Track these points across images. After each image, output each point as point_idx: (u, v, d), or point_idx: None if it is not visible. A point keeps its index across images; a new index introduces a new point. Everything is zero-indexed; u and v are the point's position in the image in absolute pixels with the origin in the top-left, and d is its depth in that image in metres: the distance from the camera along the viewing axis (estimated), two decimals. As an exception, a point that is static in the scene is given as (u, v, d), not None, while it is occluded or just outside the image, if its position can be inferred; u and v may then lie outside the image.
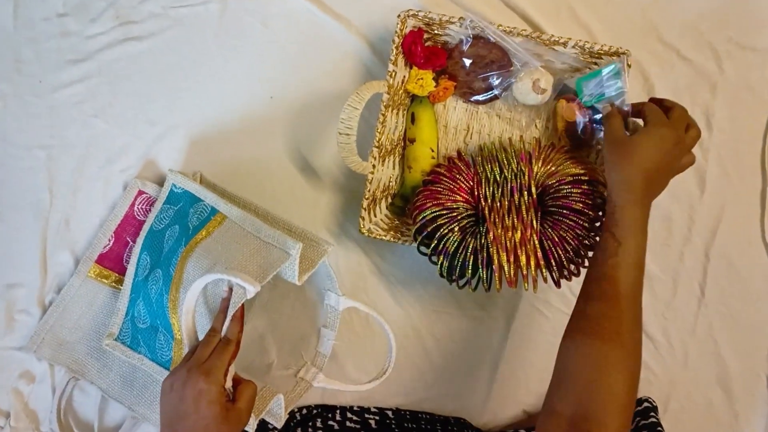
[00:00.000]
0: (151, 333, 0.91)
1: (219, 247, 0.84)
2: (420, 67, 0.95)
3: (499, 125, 1.02)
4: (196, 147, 1.02)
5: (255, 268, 0.78)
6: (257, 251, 0.81)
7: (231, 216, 0.88)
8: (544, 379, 1.04)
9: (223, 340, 0.75)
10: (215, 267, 0.80)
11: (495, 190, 0.89)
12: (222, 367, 0.72)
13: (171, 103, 1.02)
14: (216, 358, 0.73)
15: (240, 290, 0.75)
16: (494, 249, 0.85)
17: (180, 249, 0.87)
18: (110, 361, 0.98)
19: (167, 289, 0.86)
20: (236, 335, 0.76)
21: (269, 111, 1.02)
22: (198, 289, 0.77)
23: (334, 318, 0.94)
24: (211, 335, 0.76)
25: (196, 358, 0.74)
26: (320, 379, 0.93)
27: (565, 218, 0.85)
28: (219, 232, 0.87)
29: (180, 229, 0.91)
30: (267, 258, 0.80)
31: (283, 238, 0.81)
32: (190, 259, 0.84)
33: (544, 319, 1.06)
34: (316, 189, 1.03)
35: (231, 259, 0.80)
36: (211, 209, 0.90)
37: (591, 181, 0.86)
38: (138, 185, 1.00)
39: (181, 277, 0.84)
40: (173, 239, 0.90)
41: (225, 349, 0.74)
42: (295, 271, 0.80)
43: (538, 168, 0.89)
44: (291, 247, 0.80)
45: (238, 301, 0.75)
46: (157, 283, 0.88)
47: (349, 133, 0.82)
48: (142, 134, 1.02)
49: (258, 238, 0.83)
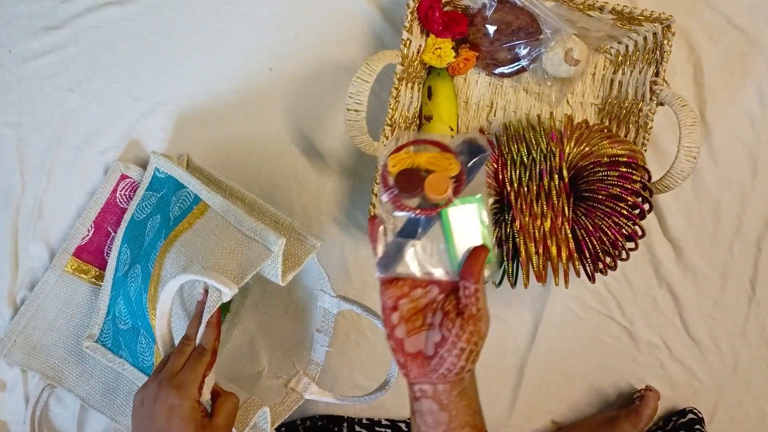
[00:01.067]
0: (133, 335, 0.91)
1: (198, 242, 0.84)
2: (438, 35, 0.94)
3: (527, 101, 1.01)
4: (184, 126, 1.01)
5: (234, 267, 0.78)
6: (238, 247, 0.81)
7: (213, 205, 0.88)
8: (577, 388, 1.07)
9: (197, 349, 0.75)
10: (192, 265, 0.80)
11: (522, 173, 0.88)
12: (196, 380, 0.72)
13: (157, 76, 1.01)
14: (189, 369, 0.73)
15: (215, 293, 0.75)
16: (521, 239, 0.85)
17: (159, 242, 0.87)
18: (90, 366, 0.98)
19: (146, 288, 0.86)
20: (212, 343, 0.76)
21: (267, 85, 1.01)
22: (172, 290, 0.77)
23: (328, 322, 0.95)
24: (184, 343, 0.76)
25: (167, 369, 0.74)
26: (312, 390, 0.93)
27: (601, 204, 0.85)
28: (200, 224, 0.87)
29: (161, 219, 0.91)
30: (247, 255, 0.80)
31: (265, 232, 0.81)
32: (169, 254, 0.84)
33: (576, 319, 1.06)
34: (321, 173, 1.02)
35: (209, 255, 0.80)
36: (194, 197, 0.90)
37: (630, 163, 0.85)
38: (121, 169, 0.99)
39: (160, 275, 0.84)
40: (154, 231, 0.90)
41: (199, 360, 0.74)
42: (277, 270, 0.80)
43: (570, 148, 0.88)
44: (273, 243, 0.79)
45: (213, 305, 0.74)
46: (136, 280, 0.88)
47: (358, 110, 0.82)
48: (124, 111, 1.01)
49: (240, 232, 0.83)
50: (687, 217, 1.04)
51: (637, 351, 1.06)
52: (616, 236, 0.85)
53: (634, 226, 0.85)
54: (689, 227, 1.04)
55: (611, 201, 0.84)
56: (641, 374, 1.07)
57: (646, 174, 0.85)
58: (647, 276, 1.05)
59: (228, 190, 0.97)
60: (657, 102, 0.89)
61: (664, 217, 1.03)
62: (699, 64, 1.02)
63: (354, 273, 1.04)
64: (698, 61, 1.03)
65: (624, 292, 1.05)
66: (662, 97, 0.88)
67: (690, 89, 1.02)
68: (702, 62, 1.02)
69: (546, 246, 0.85)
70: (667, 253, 1.04)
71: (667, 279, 1.05)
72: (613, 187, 0.84)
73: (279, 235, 0.79)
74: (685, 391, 1.06)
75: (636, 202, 0.84)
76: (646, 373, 1.07)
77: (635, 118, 0.93)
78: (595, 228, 0.85)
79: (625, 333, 1.06)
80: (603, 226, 0.84)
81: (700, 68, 1.01)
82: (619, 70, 0.98)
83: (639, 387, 1.06)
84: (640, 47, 0.94)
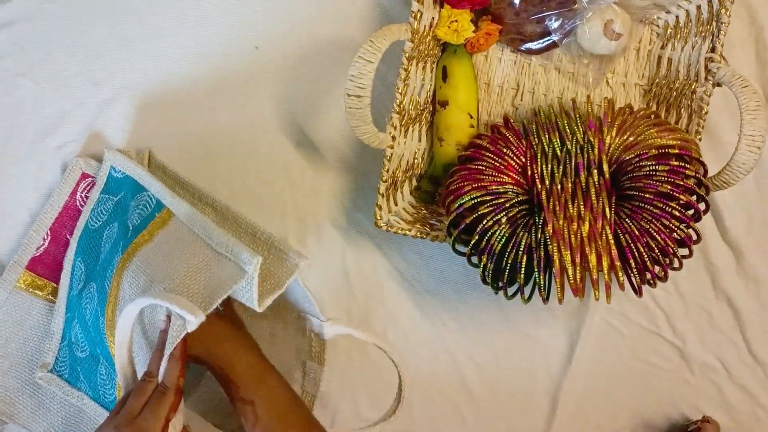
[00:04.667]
0: (92, 364, 0.91)
1: (160, 258, 0.84)
2: (454, 5, 0.94)
3: (559, 82, 1.02)
4: (155, 115, 1.02)
5: (200, 288, 0.78)
6: (205, 265, 0.81)
7: (178, 213, 0.88)
8: (621, 418, 1.08)
9: (159, 389, 0.76)
10: (152, 286, 0.80)
11: (555, 168, 0.89)
12: (157, 424, 0.74)
13: (122, 57, 1.02)
14: (149, 413, 0.74)
15: (179, 320, 0.74)
16: (554, 246, 0.85)
17: (117, 257, 0.87)
18: (48, 398, 0.98)
19: (102, 310, 0.86)
20: (175, 380, 0.76)
21: (253, 66, 1.02)
22: (131, 316, 0.77)
23: (319, 348, 0.95)
24: (145, 381, 0.77)
25: (126, 412, 0.75)
26: None
27: (648, 204, 0.85)
28: (163, 236, 0.87)
29: (119, 228, 0.91)
30: (217, 274, 0.80)
31: (237, 249, 0.80)
32: (127, 271, 0.84)
33: (619, 337, 1.06)
34: (317, 169, 1.03)
35: (172, 274, 0.80)
36: (156, 203, 0.91)
37: (682, 155, 0.85)
38: (81, 166, 0.99)
39: (117, 296, 0.84)
40: (110, 243, 0.91)
41: (160, 402, 0.75)
42: (253, 294, 0.79)
43: (611, 138, 0.88)
44: (247, 262, 0.79)
45: (177, 335, 0.74)
46: (91, 300, 0.89)
47: (361, 95, 0.82)
48: (84, 99, 1.02)
49: (209, 246, 0.83)
50: (749, 217, 1.04)
51: (691, 374, 1.07)
52: (666, 241, 0.84)
53: (688, 230, 0.85)
54: (751, 229, 1.04)
55: (660, 200, 0.84)
56: (695, 401, 1.08)
57: (701, 168, 0.85)
58: (702, 286, 1.06)
59: (196, 195, 0.97)
60: (713, 82, 0.89)
61: (722, 217, 1.04)
62: (762, 37, 1.02)
63: (357, 285, 1.05)
64: (761, 33, 1.02)
65: (675, 305, 1.06)
66: (719, 77, 0.88)
67: (752, 67, 1.02)
68: (765, 35, 1.02)
69: (584, 254, 0.84)
70: (726, 259, 1.05)
71: (725, 290, 1.05)
72: (662, 184, 0.84)
73: (254, 253, 0.79)
74: (747, 420, 1.06)
75: (690, 201, 0.84)
76: (702, 399, 1.08)
77: (688, 102, 0.93)
78: (642, 232, 0.84)
79: (676, 353, 1.07)
80: (651, 230, 0.84)
81: (763, 42, 1.01)
82: (668, 45, 0.98)
83: (693, 417, 1.07)
84: (692, 18, 0.94)
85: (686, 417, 1.08)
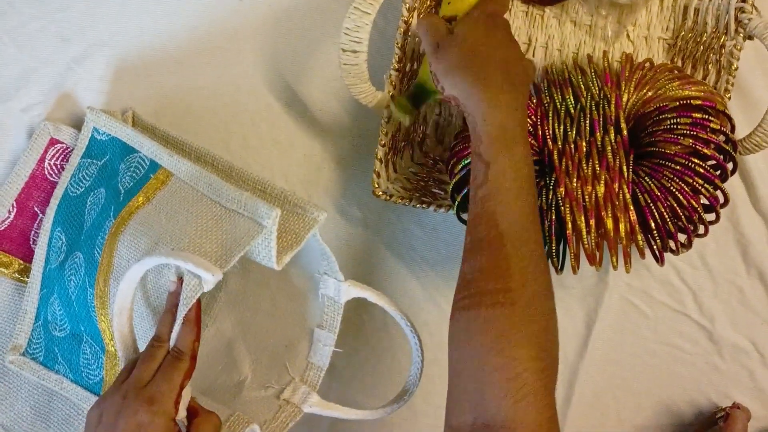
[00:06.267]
0: (73, 344, 0.91)
1: (162, 218, 0.84)
2: None
3: (575, 35, 1.02)
4: (129, 74, 1.02)
5: (214, 247, 0.78)
6: (217, 222, 0.82)
7: (178, 173, 0.88)
8: (643, 406, 1.08)
9: (172, 353, 0.76)
10: (157, 247, 0.80)
11: (568, 126, 0.89)
12: (172, 392, 0.73)
13: (93, 9, 1.01)
14: (163, 379, 0.74)
15: (193, 280, 0.75)
16: (567, 209, 0.85)
17: (108, 223, 0.87)
18: (16, 386, 0.99)
19: (92, 281, 0.86)
20: (191, 345, 0.77)
21: (237, 18, 1.02)
22: (135, 279, 0.78)
23: (333, 314, 0.95)
24: (155, 346, 0.77)
25: (135, 378, 0.74)
26: (313, 401, 0.93)
27: (669, 161, 0.84)
28: (162, 197, 0.87)
29: (107, 193, 0.91)
30: (231, 232, 0.80)
31: (253, 203, 0.81)
32: (123, 236, 0.84)
33: (641, 317, 1.06)
34: (308, 133, 1.03)
35: (180, 235, 0.80)
36: (150, 163, 0.91)
37: (705, 107, 0.85)
38: (49, 131, 0.99)
39: (111, 263, 0.84)
40: (98, 209, 0.91)
41: (175, 366, 0.75)
42: (271, 251, 0.80)
43: (629, 94, 0.88)
44: (265, 216, 0.80)
45: (191, 295, 0.75)
46: (77, 272, 0.89)
47: (357, 51, 0.82)
48: (51, 56, 1.01)
49: (218, 204, 0.84)
50: (784, 184, 1.04)
51: (720, 358, 1.07)
52: (690, 202, 0.83)
53: (715, 190, 0.84)
54: (787, 197, 1.04)
55: (683, 157, 0.83)
56: (725, 387, 1.08)
57: (727, 122, 0.85)
58: (732, 260, 1.06)
59: (194, 154, 0.96)
60: (744, 35, 0.89)
61: (753, 184, 1.03)
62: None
63: (353, 261, 1.05)
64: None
65: (702, 281, 1.06)
66: (751, 29, 0.87)
67: (787, 18, 1.02)
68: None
69: (600, 217, 0.84)
70: (758, 230, 1.05)
71: (757, 264, 1.05)
72: (684, 138, 0.83)
73: (271, 206, 0.80)
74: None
75: (715, 156, 0.83)
76: (732, 385, 1.08)
77: (716, 57, 0.93)
78: (663, 192, 0.84)
79: (703, 334, 1.07)
80: (673, 189, 0.83)
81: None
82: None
83: (723, 404, 1.07)
84: (721, -37, 0.93)
85: (715, 405, 1.08)
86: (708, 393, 1.08)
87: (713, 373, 1.08)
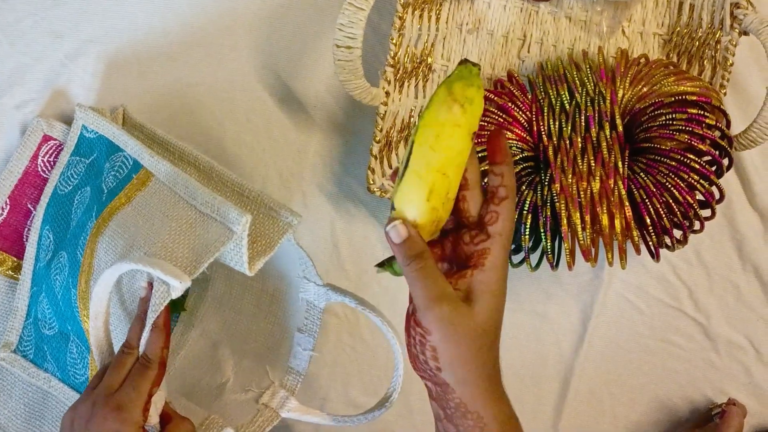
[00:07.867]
0: (61, 342, 0.91)
1: (140, 221, 0.84)
2: None
3: (570, 31, 1.02)
4: (122, 70, 1.01)
5: (185, 253, 0.78)
6: (190, 227, 0.81)
7: (158, 173, 0.88)
8: (638, 402, 1.08)
9: (140, 361, 0.76)
10: (131, 251, 0.80)
11: (563, 122, 0.90)
12: (139, 400, 0.74)
13: (86, 6, 1.01)
14: (131, 386, 0.74)
15: (162, 287, 0.74)
16: (562, 205, 0.86)
17: (90, 222, 0.87)
18: (9, 383, 0.98)
19: (75, 281, 0.86)
20: (159, 353, 0.76)
21: (231, 15, 1.02)
22: (109, 283, 0.77)
23: (313, 318, 0.95)
24: (124, 353, 0.77)
25: (104, 385, 0.75)
26: (291, 407, 0.93)
27: (665, 157, 0.85)
28: (142, 198, 0.87)
29: (92, 193, 0.91)
30: (203, 237, 0.80)
31: (224, 208, 0.80)
32: (102, 237, 0.84)
33: (637, 313, 1.07)
34: (302, 129, 1.03)
35: (153, 238, 0.80)
36: (133, 163, 0.90)
37: (701, 103, 0.85)
38: (43, 127, 0.99)
39: (92, 264, 0.84)
40: (83, 208, 0.91)
41: (143, 374, 0.75)
42: (243, 257, 0.79)
43: (624, 89, 0.89)
44: (235, 221, 0.79)
45: (159, 302, 0.74)
46: (62, 271, 0.89)
47: (352, 46, 0.82)
48: (44, 52, 1.01)
49: (193, 207, 0.83)
50: (779, 180, 1.04)
51: (716, 354, 1.08)
52: (685, 198, 0.84)
53: (711, 186, 0.85)
54: (782, 193, 1.04)
55: (678, 153, 0.84)
56: (720, 383, 1.08)
57: (723, 118, 0.85)
58: (727, 256, 1.06)
59: (177, 154, 0.96)
60: (740, 31, 0.89)
61: (749, 180, 1.04)
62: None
63: (347, 258, 1.05)
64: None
65: (697, 277, 1.06)
66: (746, 24, 0.88)
67: (783, 13, 1.02)
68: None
69: (595, 213, 0.85)
70: (754, 226, 1.05)
71: (753, 260, 1.06)
72: (679, 134, 0.84)
73: (242, 211, 0.78)
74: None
75: (710, 152, 0.84)
76: (727, 381, 1.08)
77: (711, 53, 0.93)
78: (659, 187, 0.85)
79: (699, 330, 1.08)
80: (668, 185, 0.84)
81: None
82: (690, -11, 0.98)
83: (718, 400, 1.07)
84: (716, -42, 0.94)
85: (710, 401, 1.09)
86: (704, 389, 1.09)
87: (709, 369, 1.08)
